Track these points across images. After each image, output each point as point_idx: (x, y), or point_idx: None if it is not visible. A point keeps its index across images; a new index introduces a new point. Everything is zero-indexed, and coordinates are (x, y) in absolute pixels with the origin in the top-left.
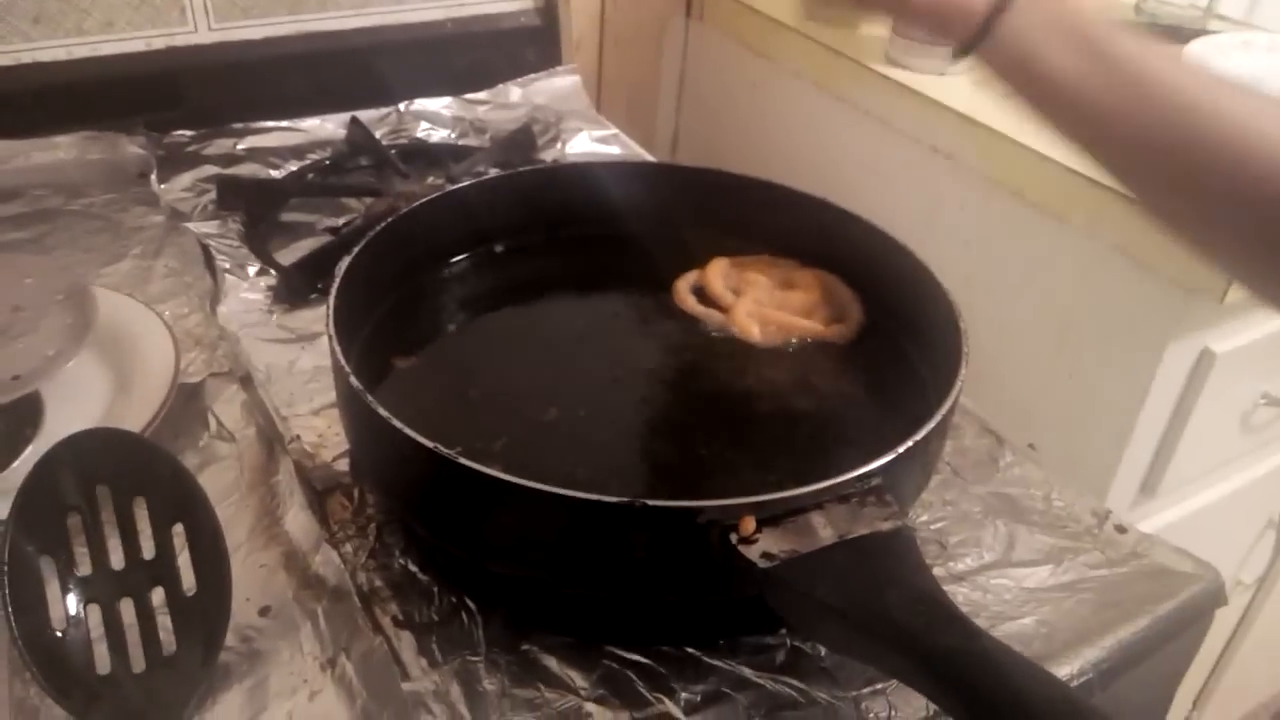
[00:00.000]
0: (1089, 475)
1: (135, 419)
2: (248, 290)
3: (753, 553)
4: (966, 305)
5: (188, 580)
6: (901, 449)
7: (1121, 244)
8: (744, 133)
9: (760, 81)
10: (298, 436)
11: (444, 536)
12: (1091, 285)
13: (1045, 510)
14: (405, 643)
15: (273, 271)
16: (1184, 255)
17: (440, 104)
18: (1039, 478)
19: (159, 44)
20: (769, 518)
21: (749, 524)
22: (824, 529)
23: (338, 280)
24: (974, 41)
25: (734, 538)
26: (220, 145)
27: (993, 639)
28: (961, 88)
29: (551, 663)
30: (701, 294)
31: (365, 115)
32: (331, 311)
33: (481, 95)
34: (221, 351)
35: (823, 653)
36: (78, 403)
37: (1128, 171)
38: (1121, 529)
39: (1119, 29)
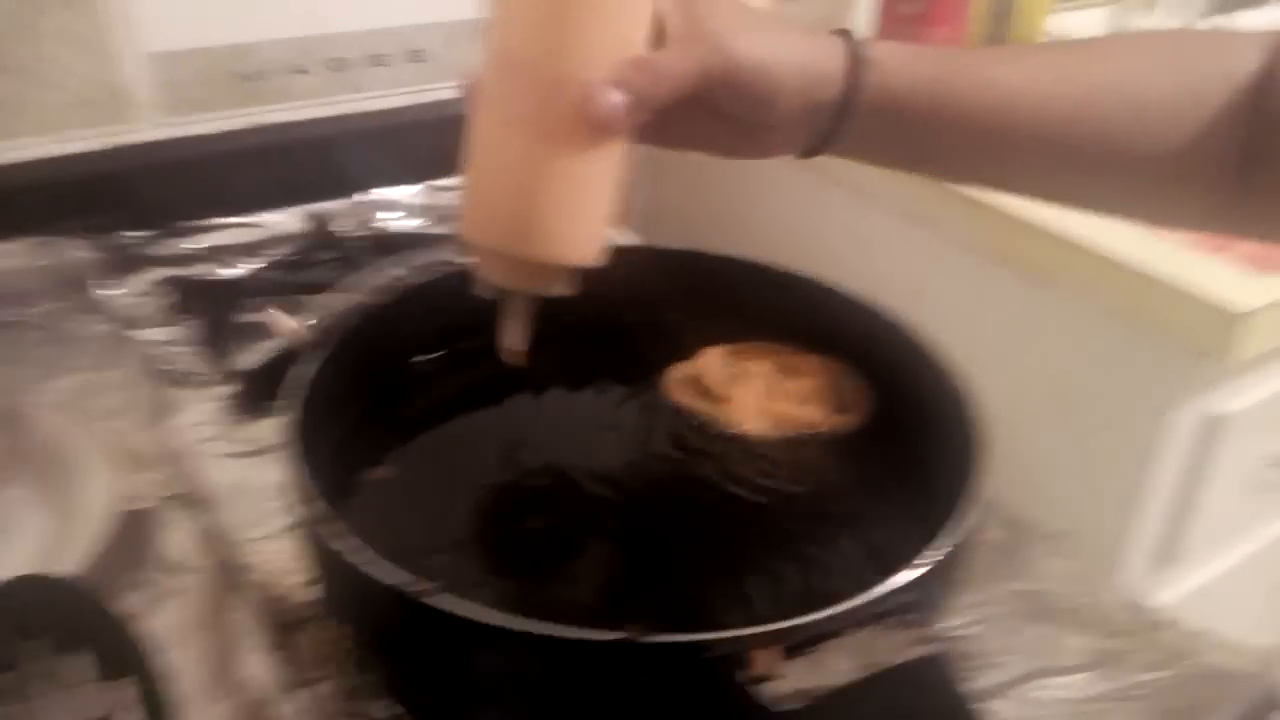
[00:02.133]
0: (1097, 550)
1: (75, 553)
2: (202, 402)
3: (768, 692)
4: None
5: None
6: (937, 558)
7: (1115, 308)
8: (715, 207)
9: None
10: (260, 563)
11: (425, 680)
12: (1087, 351)
13: (1082, 609)
14: None
15: (229, 380)
16: (1182, 316)
17: (407, 193)
18: (1071, 571)
19: (102, 143)
20: (786, 649)
21: (761, 661)
22: (849, 660)
23: (294, 398)
24: (842, 114)
25: (745, 675)
26: (171, 245)
27: None
28: None
29: None
30: (696, 385)
31: (326, 207)
32: (292, 429)
33: (449, 181)
34: (173, 471)
35: None
36: (9, 538)
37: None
38: (1168, 625)
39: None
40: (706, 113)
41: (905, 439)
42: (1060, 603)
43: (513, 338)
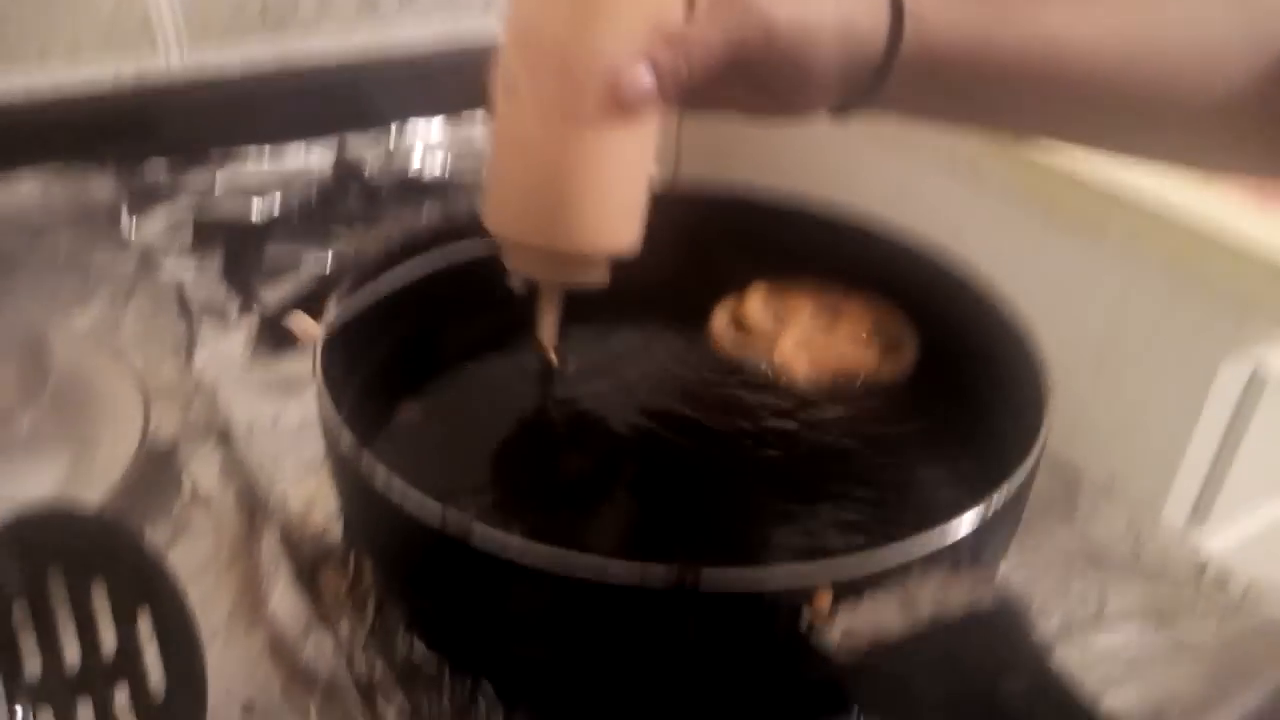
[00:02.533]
0: (1143, 501)
1: (99, 483)
2: (228, 336)
3: (829, 637)
4: None
5: (156, 676)
6: (997, 501)
7: (1165, 262)
8: (750, 156)
9: None
10: (284, 499)
11: (456, 618)
12: (1134, 305)
13: (1135, 558)
14: None
15: (255, 314)
16: (1236, 270)
17: (434, 129)
18: (1125, 519)
19: (129, 73)
20: (846, 592)
21: (824, 600)
22: (913, 603)
23: (325, 328)
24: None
25: (806, 617)
26: (196, 180)
27: None
28: None
29: None
30: (739, 326)
31: (353, 143)
32: (319, 362)
33: (478, 115)
34: (198, 405)
35: None
36: (32, 467)
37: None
38: (1224, 577)
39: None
40: (738, 78)
41: (956, 383)
42: (1112, 552)
43: (548, 331)
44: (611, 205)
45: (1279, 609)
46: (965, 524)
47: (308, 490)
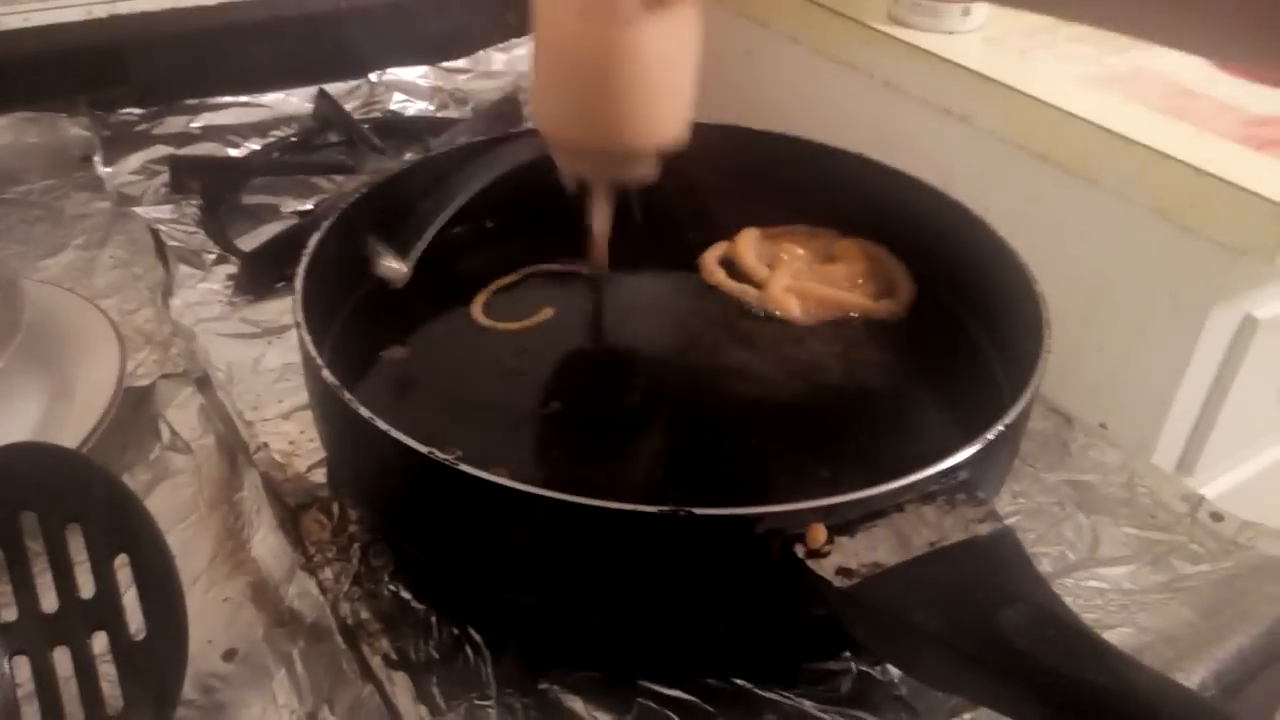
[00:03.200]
0: (1134, 445)
1: (75, 430)
2: (205, 281)
3: (825, 569)
4: None
5: (135, 622)
6: (991, 435)
7: (1159, 205)
8: (740, 102)
9: (755, 48)
10: (265, 444)
11: (444, 561)
12: (1127, 250)
13: (1129, 498)
14: (400, 686)
15: (233, 259)
16: (1230, 213)
17: (416, 73)
18: (1117, 461)
19: (101, 12)
20: (841, 525)
21: (819, 533)
22: (909, 537)
23: (305, 260)
24: None
25: (800, 550)
26: (173, 123)
27: (1155, 673)
28: (973, 45)
29: (576, 703)
30: (731, 268)
31: (334, 88)
32: (299, 295)
33: (461, 63)
34: (176, 350)
35: (896, 678)
36: (6, 412)
37: None
38: (1217, 516)
39: None
40: None
41: (953, 320)
42: (1107, 493)
43: (600, 224)
44: (656, 98)
45: (1271, 547)
46: (960, 458)
47: (290, 434)
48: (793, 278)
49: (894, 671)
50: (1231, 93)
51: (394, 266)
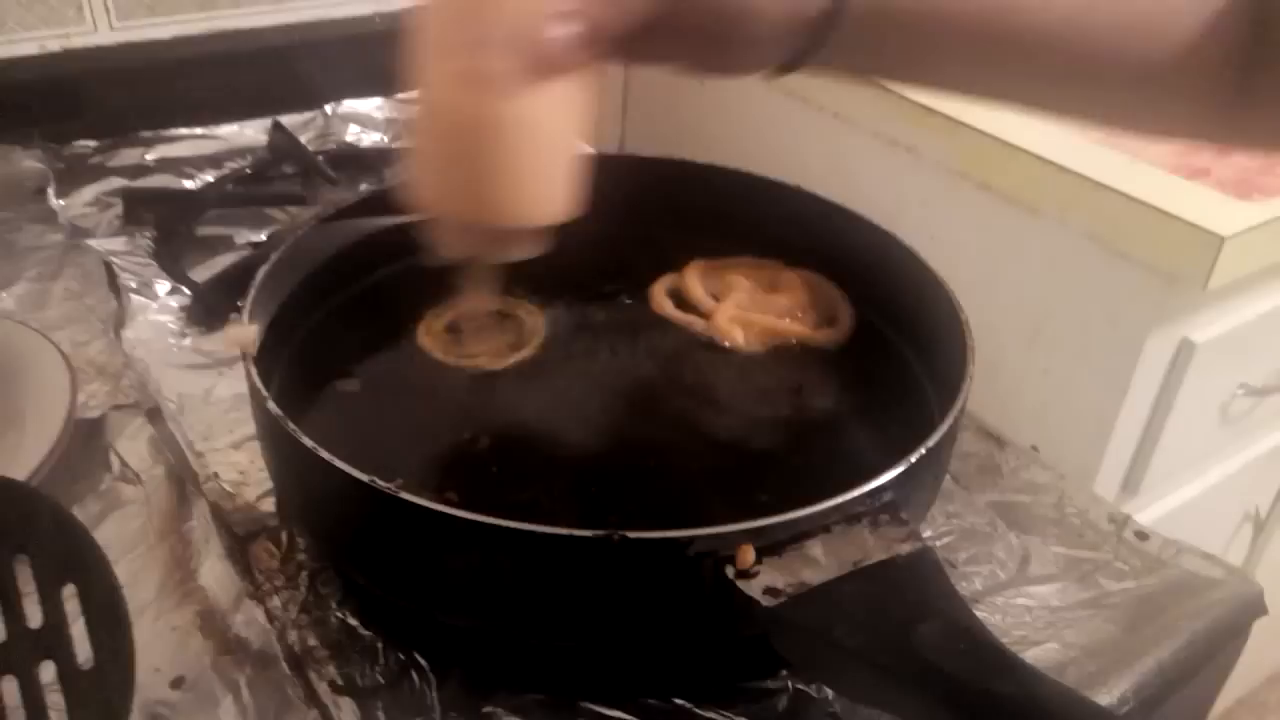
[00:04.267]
0: (1071, 472)
1: (25, 460)
2: (157, 312)
3: (753, 589)
4: None
5: (83, 651)
6: (914, 458)
7: (1096, 232)
8: (694, 134)
9: (708, 81)
10: (215, 474)
11: (387, 587)
12: (1066, 277)
13: (1058, 519)
14: (346, 711)
15: (185, 291)
16: (1163, 240)
17: (371, 105)
18: (1047, 482)
19: (55, 46)
20: (769, 546)
21: (748, 554)
22: (833, 556)
23: (253, 291)
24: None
25: (730, 571)
26: (127, 155)
27: (1056, 683)
28: None
29: None
30: (679, 299)
31: (288, 119)
32: (248, 324)
33: (415, 94)
34: (127, 381)
35: (830, 696)
36: None
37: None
38: (1143, 535)
39: None
40: (672, 31)
41: (887, 351)
42: (1038, 513)
43: (477, 306)
44: (542, 175)
45: (1193, 565)
46: (883, 480)
47: (240, 464)
48: (737, 308)
49: (829, 690)
50: None
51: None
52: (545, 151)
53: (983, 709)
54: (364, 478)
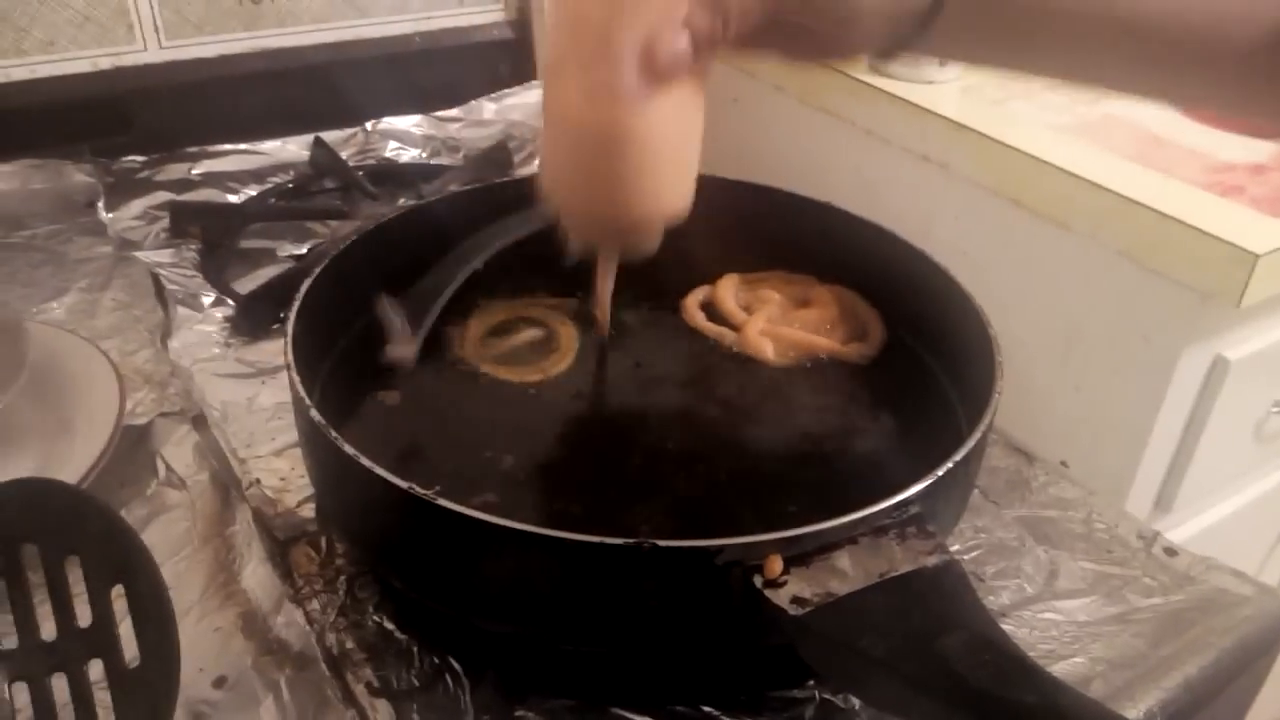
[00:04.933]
0: (1103, 489)
1: (75, 466)
2: (202, 323)
3: (781, 598)
4: None
5: (130, 650)
6: (941, 471)
7: (1127, 249)
8: (725, 151)
9: (742, 97)
10: (257, 480)
11: (423, 591)
12: (1098, 293)
13: (1087, 534)
14: (382, 713)
15: (230, 302)
16: (1197, 257)
17: (409, 122)
18: (1076, 498)
19: (105, 64)
20: (797, 556)
21: (775, 564)
22: (860, 568)
23: (298, 302)
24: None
25: (759, 581)
26: (173, 170)
27: (1078, 694)
28: (950, 94)
29: None
30: (711, 312)
31: (329, 136)
32: (290, 337)
33: (453, 112)
34: (173, 390)
35: (857, 705)
36: (8, 451)
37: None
38: (1171, 551)
39: None
40: (776, 25)
41: (918, 365)
42: (1066, 528)
43: (603, 297)
44: (663, 173)
45: (1222, 582)
46: (910, 494)
47: (281, 470)
48: (768, 321)
49: (856, 700)
50: (1199, 140)
51: (403, 351)
52: (669, 152)
53: (1006, 717)
54: (403, 484)
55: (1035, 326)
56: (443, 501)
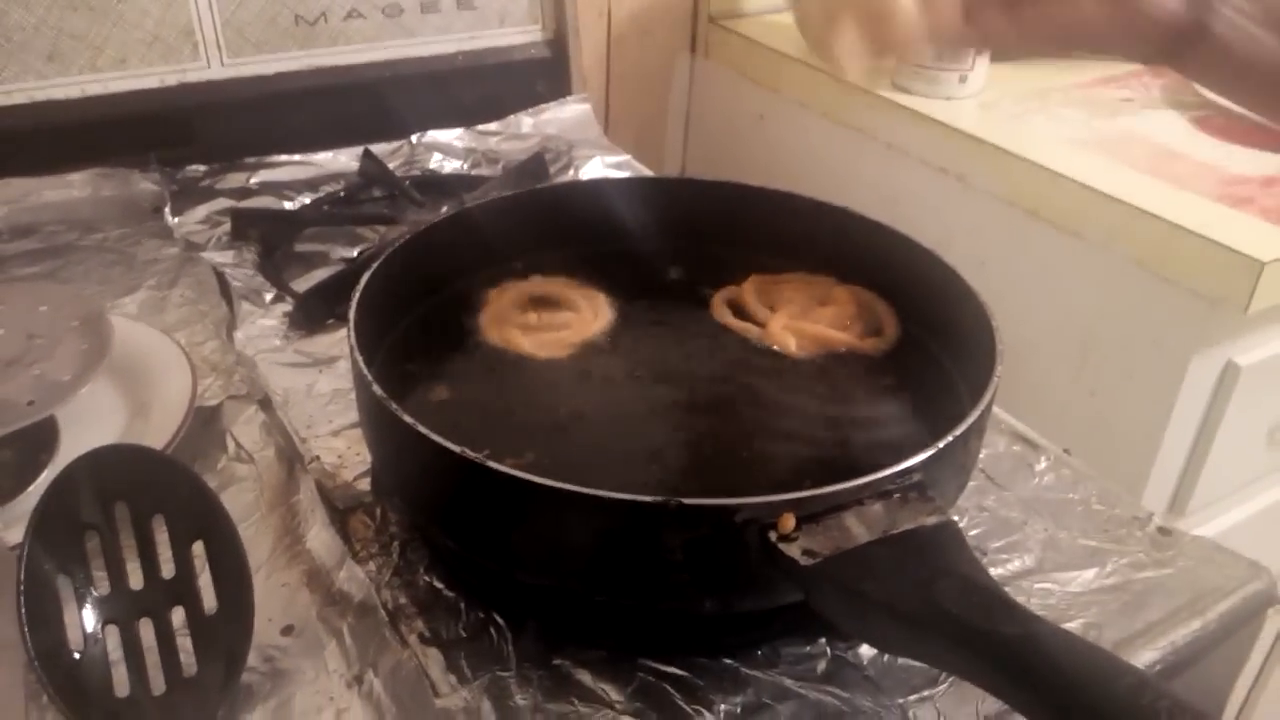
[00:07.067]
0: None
1: (153, 442)
2: (264, 317)
3: (793, 550)
4: None
5: (208, 600)
6: (942, 444)
7: (1141, 257)
8: (752, 164)
9: (767, 113)
10: (317, 457)
11: (471, 547)
12: (1112, 301)
13: (1086, 513)
14: (433, 660)
15: (288, 299)
16: (1205, 264)
17: (452, 135)
18: (1076, 481)
19: (172, 80)
20: (809, 516)
21: (789, 521)
22: (866, 526)
23: (358, 293)
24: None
25: (773, 536)
26: (233, 179)
27: (1053, 625)
28: (970, 110)
29: (585, 677)
30: (738, 309)
31: (378, 148)
32: (353, 321)
33: (493, 126)
34: (239, 376)
35: (865, 661)
36: (93, 428)
37: None
38: (1165, 531)
39: None
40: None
41: (928, 357)
42: (1070, 508)
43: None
44: None
45: (1215, 557)
46: (912, 462)
47: (338, 449)
48: (790, 318)
49: (864, 655)
50: (1211, 154)
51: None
52: None
53: (990, 646)
54: (455, 448)
55: (1051, 333)
56: (492, 463)
